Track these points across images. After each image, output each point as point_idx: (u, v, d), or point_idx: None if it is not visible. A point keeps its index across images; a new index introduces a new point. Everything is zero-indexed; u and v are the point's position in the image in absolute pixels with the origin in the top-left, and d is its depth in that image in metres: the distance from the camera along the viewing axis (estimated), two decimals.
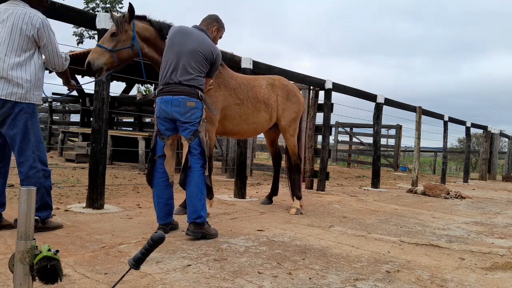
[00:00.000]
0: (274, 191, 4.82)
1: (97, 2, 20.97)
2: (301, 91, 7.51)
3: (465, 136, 11.77)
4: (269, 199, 4.77)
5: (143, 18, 3.30)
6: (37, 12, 2.74)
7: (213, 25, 3.26)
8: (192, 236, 2.85)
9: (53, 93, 8.98)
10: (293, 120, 4.39)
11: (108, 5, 20.82)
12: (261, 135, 4.95)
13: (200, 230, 2.87)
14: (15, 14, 2.65)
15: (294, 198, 4.39)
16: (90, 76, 3.18)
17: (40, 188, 2.75)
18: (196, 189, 2.90)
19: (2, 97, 2.62)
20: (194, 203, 2.89)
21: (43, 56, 2.85)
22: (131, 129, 11.18)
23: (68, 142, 12.26)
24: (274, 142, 4.75)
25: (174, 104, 2.89)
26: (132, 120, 11.78)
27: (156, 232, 1.32)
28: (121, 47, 3.11)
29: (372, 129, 8.09)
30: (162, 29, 3.32)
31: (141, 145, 8.16)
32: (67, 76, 3.09)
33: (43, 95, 2.99)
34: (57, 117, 14.45)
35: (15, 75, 2.63)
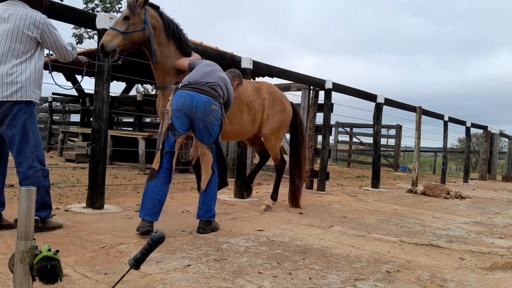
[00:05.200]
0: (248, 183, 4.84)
1: (97, 2, 20.92)
2: (300, 91, 7.52)
3: (465, 136, 11.77)
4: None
5: (156, 8, 3.44)
6: (38, 12, 2.74)
7: (236, 79, 3.59)
8: (204, 233, 3.07)
9: (53, 93, 9.00)
10: (277, 129, 4.27)
11: (108, 5, 20.74)
12: None
13: (210, 226, 3.14)
14: (16, 15, 2.64)
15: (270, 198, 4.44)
16: (104, 57, 3.28)
17: (40, 188, 2.74)
18: (213, 191, 3.18)
19: (2, 99, 2.62)
20: (210, 203, 3.15)
21: (52, 53, 2.90)
22: (131, 129, 11.18)
23: (68, 142, 12.26)
24: (255, 142, 4.65)
25: (200, 103, 2.97)
26: (132, 120, 11.78)
27: (156, 232, 1.32)
28: (133, 30, 3.23)
29: (372, 129, 8.09)
30: (169, 24, 3.45)
31: (141, 145, 8.15)
32: (78, 60, 3.15)
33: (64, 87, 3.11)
34: (57, 117, 14.45)
35: (14, 75, 2.62)
